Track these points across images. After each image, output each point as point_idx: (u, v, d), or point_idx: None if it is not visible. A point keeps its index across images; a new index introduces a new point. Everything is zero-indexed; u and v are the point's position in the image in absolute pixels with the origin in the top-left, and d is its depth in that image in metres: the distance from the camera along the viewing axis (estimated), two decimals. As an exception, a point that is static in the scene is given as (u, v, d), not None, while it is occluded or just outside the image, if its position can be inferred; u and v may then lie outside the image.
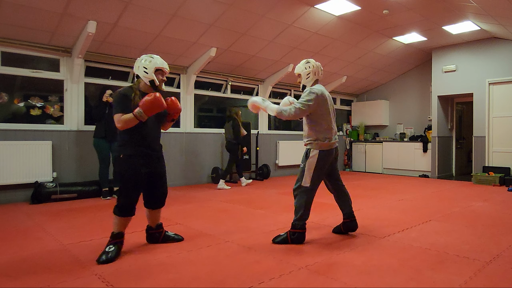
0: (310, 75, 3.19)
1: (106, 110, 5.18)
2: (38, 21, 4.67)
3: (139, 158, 2.76)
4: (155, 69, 2.81)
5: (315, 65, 3.22)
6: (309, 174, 3.05)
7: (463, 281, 2.26)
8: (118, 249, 2.72)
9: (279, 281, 2.26)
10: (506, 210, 4.48)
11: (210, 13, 5.27)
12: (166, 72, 2.89)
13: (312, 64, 3.20)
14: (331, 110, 3.21)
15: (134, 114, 2.63)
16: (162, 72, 2.86)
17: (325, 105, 3.12)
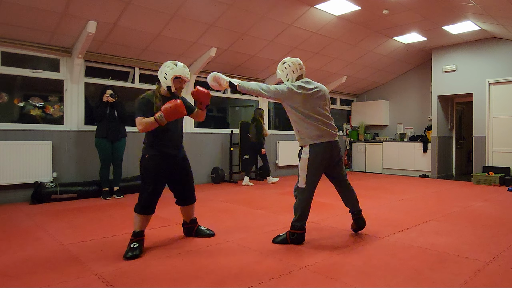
0: (288, 75, 3.08)
1: (107, 110, 5.18)
2: (38, 21, 4.67)
3: (163, 158, 2.89)
4: (175, 77, 2.92)
5: (291, 63, 3.08)
6: (303, 173, 2.99)
7: (463, 281, 2.26)
8: (141, 245, 2.81)
9: (279, 281, 2.26)
10: (506, 210, 4.48)
11: (210, 13, 5.27)
12: (185, 80, 2.98)
13: (287, 64, 3.09)
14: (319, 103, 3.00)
15: (155, 118, 2.74)
16: (181, 80, 2.95)
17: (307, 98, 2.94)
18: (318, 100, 3.03)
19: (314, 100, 3.00)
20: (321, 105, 3.04)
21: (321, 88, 3.10)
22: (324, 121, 3.01)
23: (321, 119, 3.00)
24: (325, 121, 3.02)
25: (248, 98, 8.15)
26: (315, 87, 3.05)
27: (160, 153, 2.89)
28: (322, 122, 3.00)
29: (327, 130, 3.00)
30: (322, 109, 3.04)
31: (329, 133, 3.02)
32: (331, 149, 3.03)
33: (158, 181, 2.89)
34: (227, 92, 7.62)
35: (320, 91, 3.06)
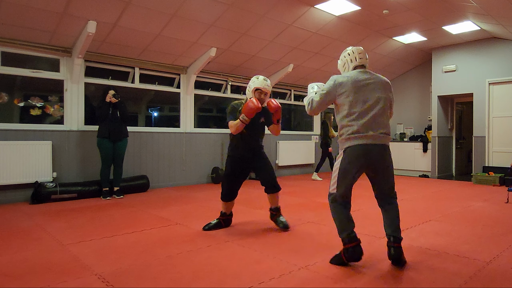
0: (345, 65, 2.82)
1: (109, 111, 5.18)
2: (38, 21, 4.67)
3: (240, 159, 3.46)
4: (255, 89, 3.39)
5: (351, 51, 2.78)
6: (334, 176, 2.71)
7: (463, 281, 2.26)
8: (219, 223, 3.54)
9: (279, 281, 2.26)
10: (506, 210, 4.48)
11: (210, 13, 5.27)
12: (265, 92, 3.41)
13: (347, 53, 2.81)
14: (363, 98, 2.58)
15: (239, 119, 3.25)
16: (261, 91, 3.39)
17: (348, 92, 2.59)
18: (362, 92, 2.61)
19: (352, 93, 2.60)
20: (374, 99, 2.61)
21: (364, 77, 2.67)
22: (363, 116, 2.58)
23: (361, 114, 2.58)
24: (366, 116, 2.58)
25: (248, 98, 8.15)
26: (363, 77, 2.66)
27: (236, 155, 3.46)
28: (361, 117, 2.58)
29: (365, 128, 2.55)
30: (375, 102, 2.61)
31: (370, 132, 2.54)
32: (370, 151, 2.56)
33: (233, 177, 3.47)
34: (226, 92, 7.62)
35: (368, 82, 2.64)
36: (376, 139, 2.56)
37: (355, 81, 2.64)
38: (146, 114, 7.32)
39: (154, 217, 4.06)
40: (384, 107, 2.64)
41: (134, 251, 2.86)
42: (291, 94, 8.90)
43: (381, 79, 2.73)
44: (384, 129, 2.61)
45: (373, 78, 2.69)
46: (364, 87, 2.63)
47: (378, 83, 2.68)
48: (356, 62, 2.77)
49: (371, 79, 2.67)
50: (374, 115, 2.58)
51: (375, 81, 2.68)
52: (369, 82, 2.66)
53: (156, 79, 6.57)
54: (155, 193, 5.80)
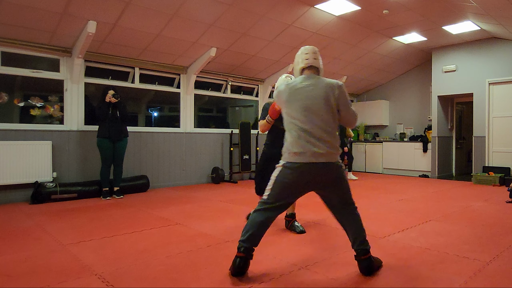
0: (294, 69, 2.60)
1: (109, 110, 5.18)
2: (38, 21, 4.67)
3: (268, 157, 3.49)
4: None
5: (299, 52, 2.55)
6: (270, 184, 2.46)
7: (463, 281, 2.26)
8: None
9: (279, 281, 2.26)
10: (506, 210, 4.48)
11: (210, 13, 5.27)
12: None
13: (297, 54, 2.57)
14: (301, 107, 2.31)
15: (266, 119, 3.31)
16: None
17: (288, 103, 2.36)
18: (300, 101, 2.35)
19: (291, 103, 2.38)
20: (315, 108, 2.32)
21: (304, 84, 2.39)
22: (300, 133, 2.32)
23: (300, 129, 2.33)
24: (306, 131, 2.31)
25: (248, 98, 8.15)
26: (303, 85, 2.39)
27: (271, 153, 3.47)
28: (298, 134, 2.34)
29: (305, 146, 2.28)
30: (313, 112, 2.33)
31: (311, 150, 2.27)
32: (312, 171, 2.29)
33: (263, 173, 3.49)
34: (226, 92, 7.62)
35: (308, 88, 2.37)
36: (318, 156, 2.25)
37: (292, 88, 2.38)
38: (146, 114, 7.32)
39: (154, 217, 4.06)
40: (324, 114, 2.30)
41: (134, 251, 2.86)
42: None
43: (324, 82, 2.37)
44: (325, 144, 2.26)
45: (316, 83, 2.36)
46: (300, 95, 2.34)
47: (320, 87, 2.34)
48: (301, 64, 2.47)
49: (312, 85, 2.35)
50: (312, 127, 2.28)
51: (316, 86, 2.35)
52: (308, 88, 2.34)
53: (156, 79, 6.57)
54: (155, 193, 5.80)
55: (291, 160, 2.32)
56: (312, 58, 2.48)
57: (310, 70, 2.47)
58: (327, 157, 2.28)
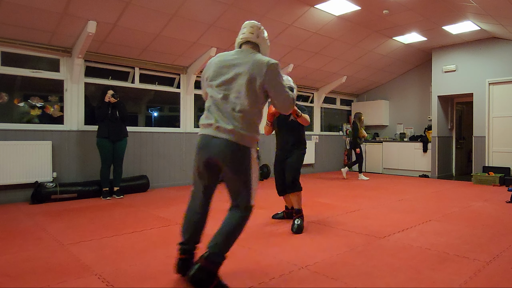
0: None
1: (109, 111, 5.18)
2: (38, 21, 4.67)
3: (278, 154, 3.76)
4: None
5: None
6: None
7: (463, 281, 2.26)
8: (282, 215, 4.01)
9: (279, 281, 2.26)
10: (506, 210, 4.48)
11: (210, 13, 5.27)
12: None
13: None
14: (222, 82, 2.14)
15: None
16: None
17: (212, 77, 2.20)
18: (213, 75, 2.21)
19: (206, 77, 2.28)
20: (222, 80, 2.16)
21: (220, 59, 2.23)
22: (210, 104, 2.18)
23: (210, 100, 2.19)
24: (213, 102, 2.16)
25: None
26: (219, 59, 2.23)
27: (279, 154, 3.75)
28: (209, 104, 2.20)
29: (208, 119, 2.15)
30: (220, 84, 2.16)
31: (209, 124, 2.11)
32: (204, 145, 2.12)
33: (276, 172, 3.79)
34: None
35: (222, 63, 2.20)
36: (222, 130, 2.05)
37: (218, 62, 2.21)
38: (146, 114, 7.32)
39: (154, 217, 4.06)
40: (242, 89, 2.07)
41: (134, 251, 2.86)
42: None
43: (254, 59, 2.14)
44: (235, 122, 2.05)
45: (245, 58, 2.15)
46: (223, 69, 2.16)
47: (246, 63, 2.12)
48: (239, 39, 2.32)
49: (239, 60, 2.15)
50: (225, 102, 2.09)
51: (243, 61, 2.14)
52: (234, 62, 2.16)
53: (156, 79, 6.57)
54: (155, 193, 5.80)
55: (199, 133, 2.17)
56: (248, 33, 2.28)
57: (247, 45, 2.28)
58: (233, 136, 2.03)
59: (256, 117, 2.15)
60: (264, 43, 2.34)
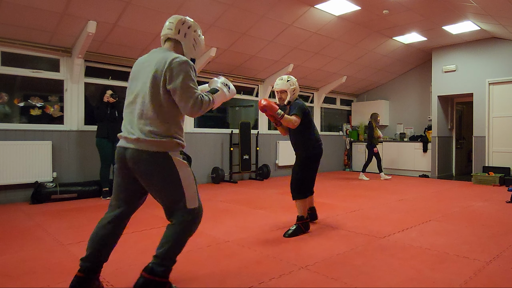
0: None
1: (108, 111, 5.18)
2: (38, 21, 4.67)
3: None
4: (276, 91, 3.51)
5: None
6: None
7: (463, 281, 2.26)
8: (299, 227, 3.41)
9: (279, 281, 2.26)
10: (506, 210, 4.48)
11: (210, 13, 5.27)
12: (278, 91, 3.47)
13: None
14: (131, 86, 2.06)
15: None
16: (276, 92, 3.50)
17: (130, 81, 2.09)
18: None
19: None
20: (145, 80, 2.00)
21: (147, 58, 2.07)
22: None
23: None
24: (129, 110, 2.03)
25: (248, 98, 8.15)
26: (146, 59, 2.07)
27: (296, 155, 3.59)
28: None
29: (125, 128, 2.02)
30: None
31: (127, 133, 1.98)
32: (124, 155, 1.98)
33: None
34: (227, 92, 7.60)
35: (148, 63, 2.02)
36: (129, 141, 1.93)
37: (135, 64, 2.10)
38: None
39: (154, 217, 4.06)
40: (148, 95, 1.92)
41: (134, 251, 2.86)
42: (291, 94, 8.89)
43: (160, 56, 1.97)
44: (140, 129, 1.91)
45: (154, 57, 1.99)
46: (135, 73, 2.05)
47: (153, 62, 1.96)
48: (162, 36, 2.14)
49: (149, 61, 2.00)
50: (132, 110, 1.98)
51: (151, 61, 1.97)
52: (145, 64, 2.01)
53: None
54: (155, 193, 5.79)
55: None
56: (167, 28, 2.08)
57: (168, 43, 2.09)
58: (140, 144, 1.89)
59: (169, 120, 1.95)
60: (187, 41, 2.08)
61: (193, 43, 2.12)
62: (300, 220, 3.38)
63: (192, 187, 1.99)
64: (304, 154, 3.44)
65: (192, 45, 2.11)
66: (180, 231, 1.98)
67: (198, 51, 2.17)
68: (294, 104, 3.42)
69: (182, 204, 1.97)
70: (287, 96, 3.41)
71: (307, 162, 3.43)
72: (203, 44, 2.21)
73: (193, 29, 2.11)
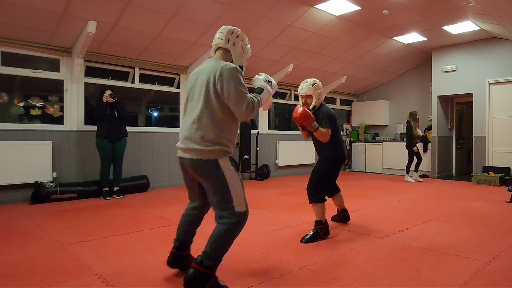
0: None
1: (107, 111, 5.18)
2: (38, 21, 4.67)
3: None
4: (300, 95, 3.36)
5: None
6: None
7: (463, 281, 2.26)
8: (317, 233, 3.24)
9: (279, 281, 2.26)
10: (506, 210, 4.48)
11: (210, 13, 5.27)
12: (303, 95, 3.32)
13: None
14: (187, 97, 2.24)
15: None
16: (301, 97, 3.35)
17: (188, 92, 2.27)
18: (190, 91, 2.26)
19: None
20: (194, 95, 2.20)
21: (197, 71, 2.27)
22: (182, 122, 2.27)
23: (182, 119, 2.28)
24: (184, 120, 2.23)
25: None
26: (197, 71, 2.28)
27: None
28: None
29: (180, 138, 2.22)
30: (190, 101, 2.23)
31: (181, 143, 2.19)
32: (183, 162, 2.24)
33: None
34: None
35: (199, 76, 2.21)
36: (185, 151, 2.14)
37: (191, 74, 2.28)
38: (146, 114, 7.32)
39: (154, 217, 4.06)
40: (202, 103, 2.08)
41: (134, 251, 2.86)
42: (291, 94, 8.90)
43: (211, 65, 2.14)
44: (193, 139, 2.08)
45: (207, 67, 2.16)
46: (192, 81, 2.23)
47: (205, 72, 2.13)
48: (213, 45, 2.31)
49: (202, 71, 2.18)
50: (186, 120, 2.16)
51: (204, 71, 2.15)
52: (198, 74, 2.19)
53: (156, 79, 6.57)
54: (155, 193, 5.80)
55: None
56: (218, 38, 2.25)
57: (219, 52, 2.26)
58: (194, 153, 2.08)
59: (221, 126, 2.08)
60: (235, 49, 2.24)
61: (241, 51, 2.28)
62: (318, 224, 3.23)
63: (240, 192, 2.11)
64: (326, 155, 3.35)
65: (240, 53, 2.27)
66: (227, 232, 2.09)
67: (245, 59, 2.33)
68: (323, 113, 3.26)
69: (231, 207, 2.09)
70: (313, 101, 3.24)
71: (327, 164, 3.33)
72: (249, 52, 2.36)
73: (241, 38, 2.27)
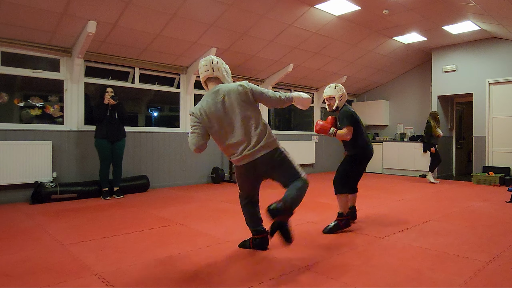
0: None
1: (107, 112, 5.17)
2: (38, 21, 4.67)
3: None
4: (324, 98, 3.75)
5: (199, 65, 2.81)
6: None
7: (463, 281, 2.26)
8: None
9: (279, 281, 2.26)
10: (506, 210, 4.48)
11: (210, 13, 5.27)
12: (327, 98, 3.69)
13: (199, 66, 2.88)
14: (226, 123, 2.61)
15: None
16: (325, 99, 3.72)
17: (209, 124, 2.62)
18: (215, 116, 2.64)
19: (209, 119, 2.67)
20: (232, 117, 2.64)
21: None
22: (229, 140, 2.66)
23: (227, 138, 2.67)
24: (232, 137, 2.65)
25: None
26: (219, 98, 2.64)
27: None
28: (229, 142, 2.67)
29: (240, 149, 2.62)
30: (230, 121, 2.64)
31: (246, 151, 2.60)
32: (254, 165, 2.64)
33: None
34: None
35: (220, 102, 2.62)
36: (257, 152, 2.58)
37: (209, 112, 2.60)
38: (146, 114, 7.33)
39: (154, 217, 4.06)
40: (248, 118, 2.59)
41: (134, 251, 2.86)
42: (291, 94, 8.89)
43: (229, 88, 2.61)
44: (258, 140, 2.58)
45: (224, 92, 2.59)
46: (220, 112, 2.59)
47: (230, 95, 2.59)
48: (201, 77, 2.76)
49: (220, 97, 2.59)
50: (243, 133, 2.59)
51: (228, 96, 2.59)
52: (221, 103, 2.59)
53: (156, 79, 6.57)
54: (155, 193, 5.80)
55: (236, 164, 2.71)
56: (205, 71, 2.71)
57: (210, 81, 2.74)
58: (266, 148, 2.59)
59: (265, 124, 2.67)
60: (220, 73, 2.71)
61: (225, 73, 2.75)
62: (340, 216, 3.43)
63: (296, 164, 2.71)
64: (354, 152, 3.58)
65: (225, 75, 2.74)
66: (299, 188, 2.60)
67: (230, 76, 2.82)
68: (342, 114, 3.54)
69: (299, 175, 2.67)
70: (335, 102, 3.63)
71: (355, 159, 3.57)
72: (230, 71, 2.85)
73: (221, 63, 2.74)
